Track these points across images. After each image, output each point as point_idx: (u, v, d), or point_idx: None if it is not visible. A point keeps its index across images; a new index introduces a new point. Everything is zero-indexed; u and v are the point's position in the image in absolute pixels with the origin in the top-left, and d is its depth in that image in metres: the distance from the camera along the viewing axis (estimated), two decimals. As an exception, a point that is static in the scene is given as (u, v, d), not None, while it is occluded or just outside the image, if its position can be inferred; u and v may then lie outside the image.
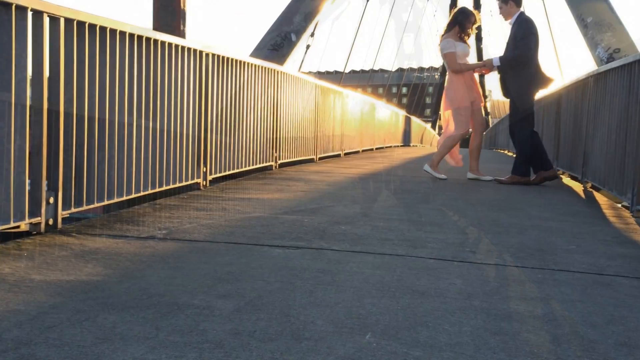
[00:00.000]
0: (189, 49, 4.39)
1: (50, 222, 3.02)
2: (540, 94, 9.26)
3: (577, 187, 6.38)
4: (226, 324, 1.82)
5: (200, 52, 4.59)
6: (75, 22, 3.05)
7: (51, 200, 3.01)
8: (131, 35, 3.61)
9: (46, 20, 2.84)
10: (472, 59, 6.91)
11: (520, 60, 6.05)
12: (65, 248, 2.72)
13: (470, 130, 6.62)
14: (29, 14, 2.74)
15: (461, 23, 6.41)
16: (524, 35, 6.04)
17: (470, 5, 38.71)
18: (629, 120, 4.59)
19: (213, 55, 4.81)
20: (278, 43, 11.51)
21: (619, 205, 5.02)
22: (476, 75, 6.76)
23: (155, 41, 3.91)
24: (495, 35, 33.68)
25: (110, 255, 2.61)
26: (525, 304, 2.14)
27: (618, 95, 4.98)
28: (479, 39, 39.04)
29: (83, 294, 2.07)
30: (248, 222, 3.50)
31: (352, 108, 10.85)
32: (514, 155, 6.58)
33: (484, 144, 25.22)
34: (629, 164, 4.53)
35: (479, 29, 6.54)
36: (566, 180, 7.14)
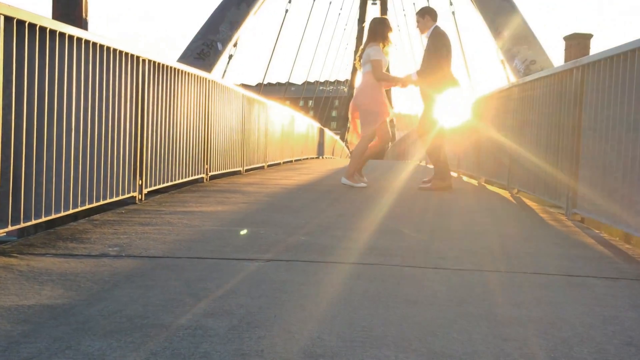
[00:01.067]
0: (126, 53, 4.15)
1: (-13, 241, 2.73)
2: (457, 106, 9.59)
3: (504, 193, 6.57)
4: (227, 345, 1.68)
5: (138, 57, 4.35)
6: (15, 21, 2.78)
7: (-12, 217, 2.72)
8: (70, 37, 3.36)
9: (-16, 19, 2.58)
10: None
11: (433, 72, 6.28)
12: (10, 270, 2.46)
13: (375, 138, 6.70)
14: (-33, 10, 2.48)
15: (382, 33, 6.46)
16: (437, 48, 6.27)
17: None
18: (561, 128, 4.76)
19: (150, 61, 4.58)
20: (205, 52, 11.22)
21: (550, 209, 5.19)
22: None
23: (95, 44, 3.66)
24: (403, 49, 34.56)
25: (66, 276, 2.38)
26: (517, 308, 2.12)
27: (547, 103, 5.17)
28: None
29: (53, 320, 1.85)
30: (202, 236, 3.32)
31: (274, 120, 10.75)
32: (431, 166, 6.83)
33: (393, 155, 25.63)
34: (563, 170, 4.69)
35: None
36: (490, 187, 7.36)
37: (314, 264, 2.69)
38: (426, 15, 6.41)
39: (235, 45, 12.00)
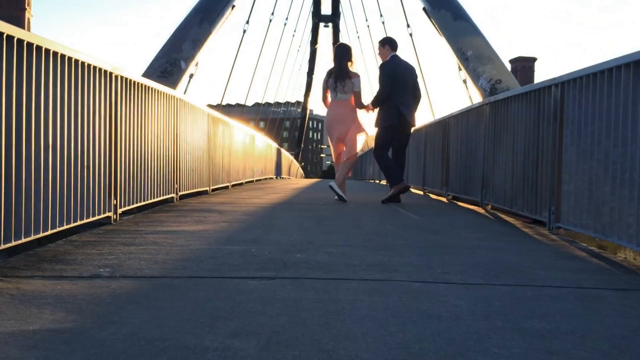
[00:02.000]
0: (100, 69, 3.99)
1: (-33, 265, 2.53)
2: (422, 123, 9.71)
3: (478, 209, 6.60)
4: (265, 366, 1.56)
5: (111, 73, 4.19)
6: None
7: (-32, 239, 2.53)
8: (47, 51, 3.20)
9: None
10: None
11: (379, 98, 6.84)
12: (0, 294, 2.28)
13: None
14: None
15: (351, 58, 6.98)
16: (380, 78, 6.86)
17: (329, 43, 40.12)
18: (540, 143, 4.81)
19: (122, 78, 4.42)
20: (168, 70, 11.01)
21: (529, 224, 5.21)
22: None
23: (70, 59, 3.50)
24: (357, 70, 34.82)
25: (63, 299, 2.22)
26: (545, 321, 2.07)
27: (524, 120, 5.22)
28: None
29: (65, 345, 1.70)
30: (194, 255, 3.18)
31: (237, 139, 10.62)
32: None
33: (352, 174, 25.94)
34: (544, 185, 4.72)
35: None
36: (460, 203, 7.40)
37: (320, 281, 2.59)
38: (386, 44, 7.03)
39: (196, 64, 11.86)
